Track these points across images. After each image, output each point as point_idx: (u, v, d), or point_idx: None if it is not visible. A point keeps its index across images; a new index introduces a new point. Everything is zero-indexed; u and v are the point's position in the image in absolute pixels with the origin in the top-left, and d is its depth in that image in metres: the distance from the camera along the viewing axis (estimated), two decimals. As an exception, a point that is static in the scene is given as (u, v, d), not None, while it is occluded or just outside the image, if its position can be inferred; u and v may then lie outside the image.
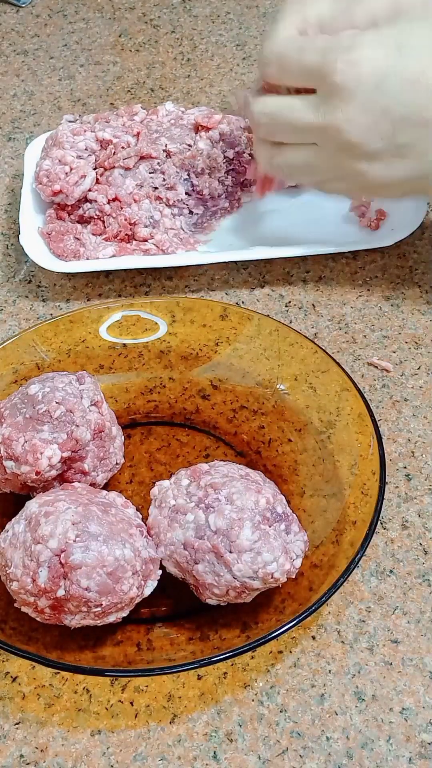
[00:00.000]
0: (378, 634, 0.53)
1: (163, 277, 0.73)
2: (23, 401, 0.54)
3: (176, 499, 0.51)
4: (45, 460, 0.52)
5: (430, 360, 0.67)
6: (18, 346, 0.63)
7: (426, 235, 0.74)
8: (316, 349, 0.62)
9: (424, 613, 0.54)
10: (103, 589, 0.47)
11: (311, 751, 0.49)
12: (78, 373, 0.57)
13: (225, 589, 0.49)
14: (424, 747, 0.49)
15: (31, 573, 0.48)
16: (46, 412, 0.53)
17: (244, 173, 0.76)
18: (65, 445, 0.53)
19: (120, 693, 0.51)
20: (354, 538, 0.53)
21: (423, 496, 0.59)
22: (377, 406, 0.64)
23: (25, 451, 0.52)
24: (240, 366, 0.63)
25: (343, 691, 0.51)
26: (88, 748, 0.49)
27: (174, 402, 0.63)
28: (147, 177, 0.73)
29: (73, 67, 0.93)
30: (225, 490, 0.50)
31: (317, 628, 0.53)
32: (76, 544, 0.47)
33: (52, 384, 0.55)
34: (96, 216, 0.72)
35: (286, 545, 0.50)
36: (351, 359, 0.67)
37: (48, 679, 0.52)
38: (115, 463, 0.57)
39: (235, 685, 0.51)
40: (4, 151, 0.84)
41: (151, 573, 0.50)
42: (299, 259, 0.73)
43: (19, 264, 0.74)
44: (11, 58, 0.94)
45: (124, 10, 0.99)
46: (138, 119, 0.75)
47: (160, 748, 0.49)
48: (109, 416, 0.56)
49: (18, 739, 0.50)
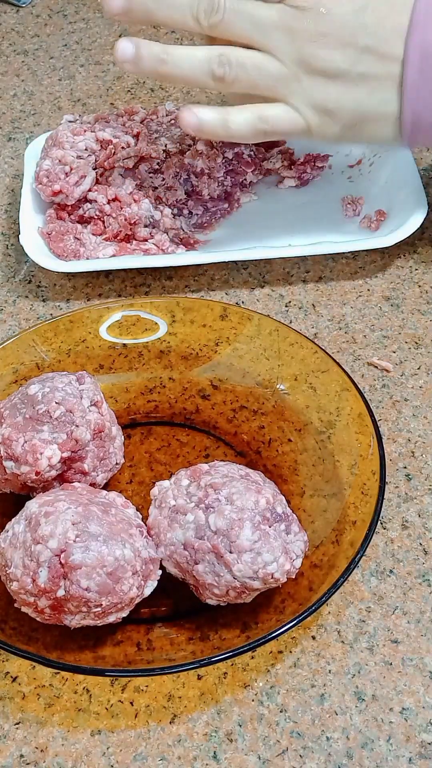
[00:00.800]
0: (378, 634, 0.53)
1: (163, 277, 0.73)
2: (23, 401, 0.54)
3: (176, 499, 0.51)
4: (45, 460, 0.52)
5: (430, 360, 0.67)
6: (18, 346, 0.63)
7: (426, 235, 0.74)
8: (316, 349, 0.62)
9: (424, 613, 0.54)
10: (103, 590, 0.47)
11: (311, 751, 0.49)
12: (78, 373, 0.57)
13: (225, 590, 0.49)
14: (424, 747, 0.49)
15: (31, 573, 0.48)
16: (45, 413, 0.53)
17: (243, 174, 0.76)
18: (65, 445, 0.53)
19: (120, 693, 0.51)
20: (354, 538, 0.53)
21: (423, 496, 0.59)
22: (377, 406, 0.64)
23: (25, 452, 0.52)
24: (240, 366, 0.63)
25: (343, 691, 0.51)
26: (88, 748, 0.49)
27: (174, 402, 0.63)
28: (147, 177, 0.73)
29: (73, 67, 0.93)
30: (225, 491, 0.50)
31: (317, 628, 0.53)
32: (76, 544, 0.47)
33: (52, 384, 0.55)
34: (96, 216, 0.72)
35: (286, 545, 0.50)
36: (351, 359, 0.67)
37: (48, 679, 0.52)
38: (115, 463, 0.57)
39: (235, 685, 0.51)
40: (4, 151, 0.84)
41: (151, 573, 0.50)
42: (299, 259, 0.73)
43: (19, 264, 0.74)
44: (11, 58, 0.94)
45: (124, 10, 0.99)
46: (138, 119, 0.75)
47: (160, 748, 0.49)
48: (109, 416, 0.56)
49: (18, 739, 0.50)
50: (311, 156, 0.78)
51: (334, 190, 0.78)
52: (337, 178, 0.79)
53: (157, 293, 0.72)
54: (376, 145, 0.76)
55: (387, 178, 0.76)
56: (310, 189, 0.78)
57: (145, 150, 0.72)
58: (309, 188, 0.78)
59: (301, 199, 0.78)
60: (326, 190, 0.78)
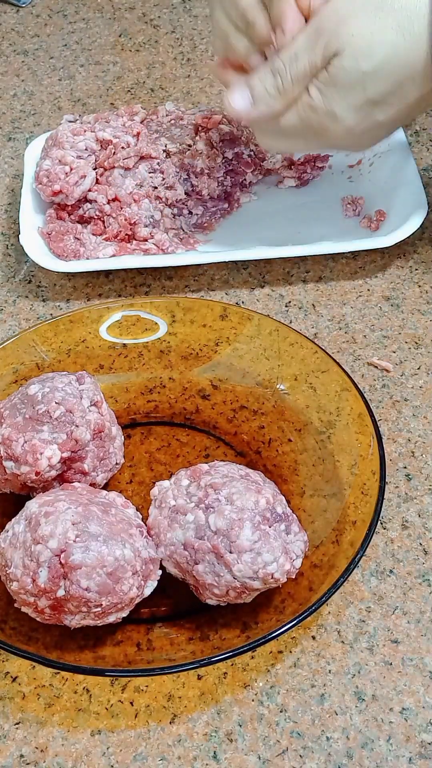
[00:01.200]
0: (378, 634, 0.53)
1: (163, 277, 0.73)
2: (23, 401, 0.54)
3: (176, 499, 0.51)
4: (45, 460, 0.52)
5: (430, 360, 0.67)
6: (18, 346, 0.63)
7: (426, 235, 0.74)
8: (316, 349, 0.62)
9: (424, 613, 0.54)
10: (103, 590, 0.47)
11: (311, 751, 0.49)
12: (78, 373, 0.57)
13: (225, 590, 0.49)
14: (424, 747, 0.49)
15: (31, 573, 0.48)
16: (45, 413, 0.53)
17: (243, 174, 0.76)
18: (65, 445, 0.53)
19: (120, 693, 0.51)
20: (354, 538, 0.53)
21: (423, 496, 0.59)
22: (377, 406, 0.64)
23: (25, 452, 0.52)
24: (240, 366, 0.63)
25: (343, 691, 0.51)
26: (88, 748, 0.49)
27: (174, 402, 0.63)
28: (147, 177, 0.73)
29: (73, 67, 0.93)
30: (225, 491, 0.50)
31: (317, 628, 0.53)
32: (76, 544, 0.47)
33: (52, 384, 0.55)
34: (96, 216, 0.72)
35: (286, 545, 0.50)
36: (351, 359, 0.67)
37: (48, 679, 0.52)
38: (115, 463, 0.57)
39: (235, 685, 0.51)
40: (4, 151, 0.84)
41: (151, 573, 0.50)
42: (299, 259, 0.73)
43: (19, 264, 0.74)
44: (11, 58, 0.94)
45: (124, 10, 0.99)
46: (138, 119, 0.75)
47: (160, 748, 0.49)
48: (108, 416, 0.56)
49: (18, 739, 0.50)
50: (311, 156, 0.78)
51: (334, 190, 0.78)
52: (337, 178, 0.79)
53: (157, 293, 0.72)
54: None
55: (387, 178, 0.76)
56: (310, 189, 0.78)
57: (145, 150, 0.72)
58: (309, 188, 0.78)
59: (301, 199, 0.78)
60: (326, 190, 0.78)
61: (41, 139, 0.77)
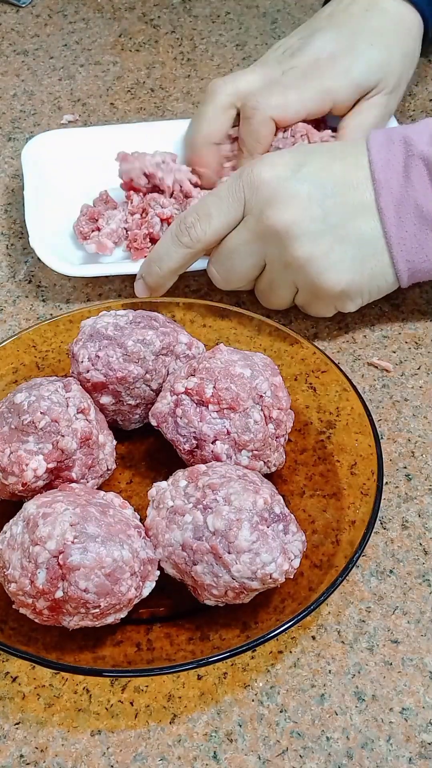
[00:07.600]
0: (378, 634, 0.53)
1: (163, 277, 0.73)
2: (10, 410, 0.54)
3: (174, 500, 0.51)
4: (30, 471, 0.52)
5: (430, 360, 0.67)
6: (18, 346, 0.63)
7: (426, 234, 0.74)
8: (315, 349, 0.62)
9: (424, 613, 0.54)
10: (102, 591, 0.47)
11: (311, 751, 0.49)
12: (65, 379, 0.56)
13: (224, 590, 0.49)
14: (424, 747, 0.49)
15: (29, 574, 0.48)
16: (30, 423, 0.53)
17: None
18: (51, 455, 0.53)
19: (120, 693, 0.51)
20: (353, 537, 0.53)
21: (423, 496, 0.59)
22: (377, 406, 0.64)
23: (11, 463, 0.52)
24: (240, 366, 0.63)
25: (343, 691, 0.51)
26: (88, 748, 0.49)
27: (174, 402, 0.63)
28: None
29: (73, 67, 0.93)
30: (223, 491, 0.50)
31: (317, 628, 0.53)
32: (75, 545, 0.47)
33: (38, 393, 0.54)
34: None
35: (285, 546, 0.50)
36: (351, 359, 0.67)
37: (48, 679, 0.52)
38: (106, 469, 0.57)
39: (235, 685, 0.51)
40: (4, 151, 0.84)
41: (150, 574, 0.50)
42: (299, 259, 0.73)
43: (19, 264, 0.74)
44: (11, 58, 0.94)
45: (124, 10, 0.99)
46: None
47: (160, 748, 0.49)
48: (97, 423, 0.56)
49: (18, 739, 0.50)
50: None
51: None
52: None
53: (157, 293, 0.72)
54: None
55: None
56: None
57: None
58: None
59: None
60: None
61: (39, 138, 0.77)
